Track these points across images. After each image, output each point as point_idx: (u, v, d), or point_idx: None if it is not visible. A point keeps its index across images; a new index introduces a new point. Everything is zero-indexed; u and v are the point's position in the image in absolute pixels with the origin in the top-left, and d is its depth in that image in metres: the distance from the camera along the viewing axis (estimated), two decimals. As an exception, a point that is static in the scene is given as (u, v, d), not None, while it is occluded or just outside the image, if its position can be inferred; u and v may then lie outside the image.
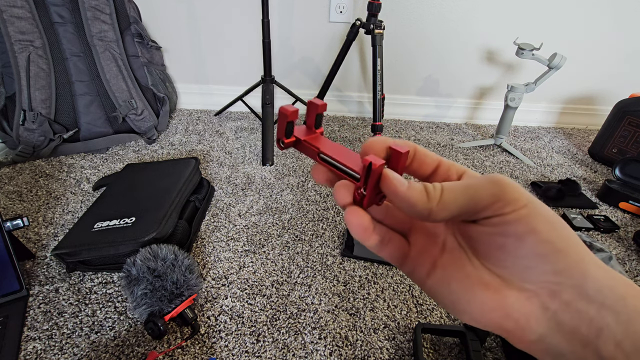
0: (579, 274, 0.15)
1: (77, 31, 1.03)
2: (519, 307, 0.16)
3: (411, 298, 0.68)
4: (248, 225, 0.84)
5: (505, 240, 0.16)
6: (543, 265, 0.15)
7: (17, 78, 0.96)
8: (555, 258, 0.15)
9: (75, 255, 0.66)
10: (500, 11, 1.22)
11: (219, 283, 0.69)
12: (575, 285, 0.15)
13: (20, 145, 0.98)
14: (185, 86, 1.38)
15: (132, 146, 1.13)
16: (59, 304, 0.63)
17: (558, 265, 0.15)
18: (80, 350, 0.56)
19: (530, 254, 0.15)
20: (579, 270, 0.15)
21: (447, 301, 0.18)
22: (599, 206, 0.97)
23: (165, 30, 1.25)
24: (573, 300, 0.15)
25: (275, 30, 1.25)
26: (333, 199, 0.93)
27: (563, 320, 0.15)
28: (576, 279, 0.15)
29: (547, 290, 0.15)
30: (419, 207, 0.16)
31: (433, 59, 1.32)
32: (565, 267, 0.15)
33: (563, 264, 0.15)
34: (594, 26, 1.24)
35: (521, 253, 0.15)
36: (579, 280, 0.15)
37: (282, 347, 0.59)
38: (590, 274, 0.15)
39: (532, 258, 0.15)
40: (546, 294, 0.15)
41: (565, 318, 0.15)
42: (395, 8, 1.21)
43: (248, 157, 1.11)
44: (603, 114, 1.37)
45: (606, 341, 0.14)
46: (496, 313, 0.16)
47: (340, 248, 0.78)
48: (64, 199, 0.88)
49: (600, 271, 0.15)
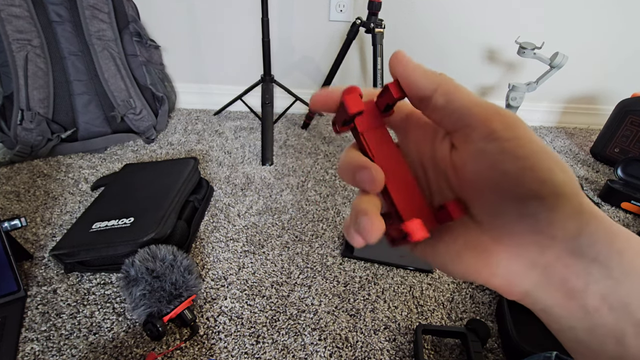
0: (575, 228, 0.14)
1: (75, 30, 1.02)
2: (506, 266, 0.15)
3: (412, 299, 0.67)
4: (247, 226, 0.83)
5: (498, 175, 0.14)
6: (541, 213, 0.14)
7: (15, 77, 0.96)
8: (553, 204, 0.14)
9: (73, 256, 0.66)
10: (501, 10, 1.21)
11: (218, 284, 0.69)
12: (568, 239, 0.14)
13: (18, 145, 0.98)
14: (184, 85, 1.37)
15: (131, 146, 1.12)
16: (57, 305, 0.63)
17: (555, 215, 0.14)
18: (78, 352, 0.56)
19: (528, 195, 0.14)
20: (575, 224, 0.14)
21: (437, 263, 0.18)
22: (601, 206, 0.97)
23: (164, 29, 1.25)
24: (562, 255, 0.14)
25: (275, 29, 1.24)
26: (333, 199, 0.92)
27: (550, 274, 0.15)
28: (570, 232, 0.14)
29: (537, 246, 0.15)
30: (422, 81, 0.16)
31: (434, 58, 1.32)
32: (562, 217, 0.14)
33: (561, 213, 0.14)
34: (595, 25, 1.23)
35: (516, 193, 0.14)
36: (573, 233, 0.14)
37: (282, 348, 0.58)
38: (586, 229, 0.14)
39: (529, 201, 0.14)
40: (536, 250, 0.15)
41: (552, 273, 0.15)
42: (396, 7, 1.20)
43: (247, 157, 1.10)
44: (605, 114, 1.37)
45: (593, 294, 0.14)
46: (483, 273, 0.16)
47: (340, 248, 0.78)
48: (62, 199, 0.88)
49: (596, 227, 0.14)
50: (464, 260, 0.16)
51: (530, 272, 0.15)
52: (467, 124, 0.15)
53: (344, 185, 0.99)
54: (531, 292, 0.15)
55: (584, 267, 0.14)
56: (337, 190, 0.97)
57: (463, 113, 0.15)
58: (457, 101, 0.15)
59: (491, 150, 0.14)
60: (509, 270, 0.15)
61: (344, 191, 0.97)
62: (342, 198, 0.94)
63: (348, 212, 0.88)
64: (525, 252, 0.15)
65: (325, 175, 1.03)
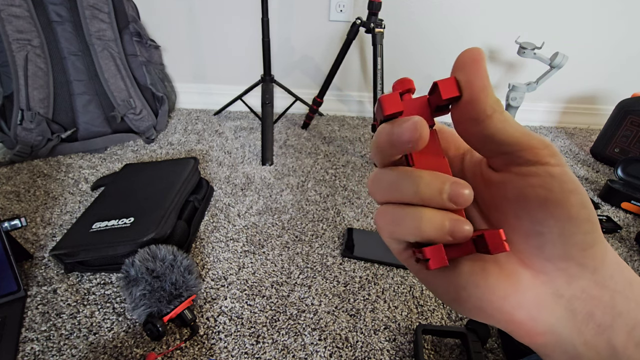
0: (601, 255, 0.14)
1: (75, 30, 1.02)
2: (532, 294, 0.14)
3: (412, 299, 0.67)
4: (247, 226, 0.83)
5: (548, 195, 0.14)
6: (577, 235, 0.14)
7: (15, 77, 0.96)
8: (587, 228, 0.14)
9: (73, 256, 0.66)
10: (501, 10, 1.21)
11: (218, 284, 0.69)
12: (595, 269, 0.14)
13: (18, 145, 0.98)
14: (184, 85, 1.37)
15: (131, 146, 1.12)
16: (57, 305, 0.63)
17: (588, 238, 0.14)
18: (78, 352, 0.56)
19: (570, 216, 0.14)
20: (601, 251, 0.14)
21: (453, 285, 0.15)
22: (601, 206, 0.97)
23: (164, 29, 1.25)
24: (588, 286, 0.14)
25: (275, 29, 1.24)
26: (333, 199, 0.93)
27: (576, 308, 0.14)
28: (598, 260, 0.14)
29: (565, 274, 0.14)
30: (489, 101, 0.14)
31: (434, 57, 1.32)
32: (593, 243, 0.14)
33: (592, 238, 0.14)
34: (596, 25, 1.23)
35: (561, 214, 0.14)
36: (598, 263, 0.14)
37: (282, 348, 0.58)
38: (607, 258, 0.14)
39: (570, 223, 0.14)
40: (563, 279, 0.14)
41: (578, 306, 0.14)
42: (396, 6, 1.20)
43: (247, 157, 1.10)
44: (605, 114, 1.37)
45: (619, 330, 0.13)
46: (509, 300, 0.14)
47: (340, 248, 0.78)
48: (62, 199, 0.88)
49: (612, 255, 0.14)
50: (490, 279, 0.15)
51: (556, 305, 0.14)
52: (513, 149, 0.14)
53: (344, 185, 0.99)
54: (556, 328, 0.14)
55: (609, 299, 0.14)
56: (337, 190, 0.97)
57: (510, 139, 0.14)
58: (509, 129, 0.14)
59: (541, 173, 0.14)
60: (536, 298, 0.14)
61: (344, 191, 0.97)
62: (342, 198, 0.94)
63: (348, 212, 0.88)
64: (552, 280, 0.14)
65: (325, 175, 1.03)
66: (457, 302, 0.16)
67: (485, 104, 0.14)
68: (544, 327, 0.14)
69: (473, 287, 0.15)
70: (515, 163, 0.15)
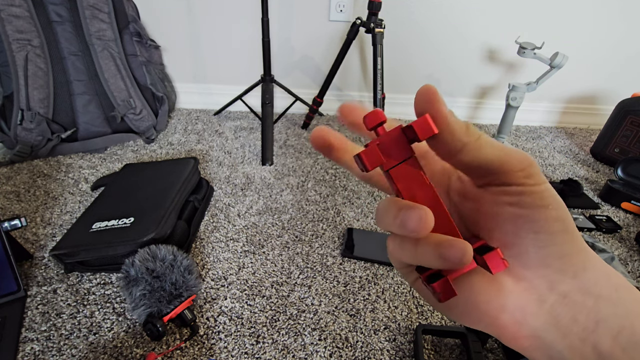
0: (580, 263, 0.15)
1: (75, 30, 1.02)
2: (515, 299, 0.15)
3: (412, 299, 0.67)
4: (247, 226, 0.83)
5: (518, 211, 0.15)
6: (551, 246, 0.15)
7: (15, 77, 0.96)
8: (562, 239, 0.15)
9: (73, 256, 0.66)
10: (501, 10, 1.21)
11: (218, 284, 0.69)
12: (575, 274, 0.15)
13: (18, 145, 0.98)
14: (184, 85, 1.37)
15: (131, 146, 1.12)
16: (57, 305, 0.63)
17: (564, 248, 0.15)
18: (78, 352, 0.56)
19: (541, 230, 0.14)
20: (581, 259, 0.15)
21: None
22: (601, 206, 0.97)
23: (164, 29, 1.25)
24: (571, 292, 0.14)
25: (275, 29, 1.24)
26: (333, 199, 0.92)
27: (560, 313, 0.14)
28: (577, 267, 0.15)
29: (546, 281, 0.15)
30: (456, 135, 0.14)
31: (434, 57, 1.32)
32: (570, 252, 0.15)
33: (569, 247, 0.15)
34: (596, 25, 1.23)
35: (531, 227, 0.15)
36: (578, 269, 0.15)
37: (282, 348, 0.58)
38: (589, 265, 0.15)
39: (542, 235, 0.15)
40: (545, 285, 0.15)
41: (562, 311, 0.14)
42: (396, 6, 1.20)
43: (247, 157, 1.10)
44: (605, 114, 1.37)
45: (604, 335, 0.14)
46: (492, 303, 0.15)
47: (340, 248, 0.78)
48: (62, 199, 0.88)
49: (596, 262, 0.15)
50: (475, 285, 0.16)
51: (540, 309, 0.15)
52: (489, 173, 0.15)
53: (344, 185, 0.99)
54: (540, 332, 0.15)
55: (592, 304, 0.14)
56: (337, 190, 0.97)
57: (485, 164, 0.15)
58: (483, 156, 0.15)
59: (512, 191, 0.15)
60: (519, 303, 0.15)
61: (344, 191, 0.97)
62: (342, 198, 0.94)
63: (348, 212, 0.88)
64: (534, 287, 0.15)
65: (325, 175, 1.03)
66: (446, 307, 0.16)
67: (452, 142, 0.14)
68: (528, 331, 0.15)
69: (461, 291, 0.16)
70: (492, 184, 0.16)
